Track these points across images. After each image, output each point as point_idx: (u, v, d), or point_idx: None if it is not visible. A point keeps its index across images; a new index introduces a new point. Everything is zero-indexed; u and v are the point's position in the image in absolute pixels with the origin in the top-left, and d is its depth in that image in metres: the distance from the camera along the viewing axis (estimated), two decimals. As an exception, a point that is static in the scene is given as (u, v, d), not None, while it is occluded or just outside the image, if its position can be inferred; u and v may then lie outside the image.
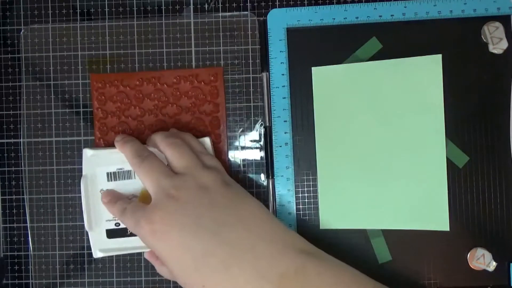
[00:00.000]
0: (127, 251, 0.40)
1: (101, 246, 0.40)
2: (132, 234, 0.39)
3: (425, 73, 0.40)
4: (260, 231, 0.35)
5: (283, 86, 0.41)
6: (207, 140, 0.40)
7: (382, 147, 0.40)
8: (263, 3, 0.42)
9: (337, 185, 0.41)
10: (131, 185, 0.39)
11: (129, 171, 0.39)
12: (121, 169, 0.39)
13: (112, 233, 0.40)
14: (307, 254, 0.34)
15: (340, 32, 0.41)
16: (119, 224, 0.39)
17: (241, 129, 0.42)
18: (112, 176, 0.39)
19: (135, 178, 0.39)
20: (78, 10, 0.42)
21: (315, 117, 0.41)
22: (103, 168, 0.39)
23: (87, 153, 0.39)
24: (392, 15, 0.40)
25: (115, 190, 0.39)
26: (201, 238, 0.33)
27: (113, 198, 0.38)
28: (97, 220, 0.39)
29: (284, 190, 0.41)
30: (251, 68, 0.42)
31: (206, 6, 0.42)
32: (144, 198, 0.39)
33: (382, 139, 0.40)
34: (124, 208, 0.37)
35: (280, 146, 0.41)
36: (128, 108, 0.42)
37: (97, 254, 0.40)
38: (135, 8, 0.42)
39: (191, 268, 0.33)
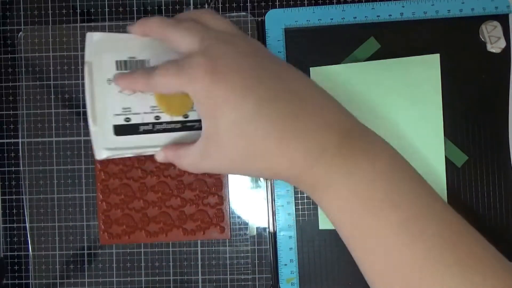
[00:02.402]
0: (138, 150, 0.34)
1: (107, 145, 0.33)
2: (145, 132, 0.34)
3: (423, 73, 0.40)
4: (318, 91, 0.32)
5: (282, 86, 0.41)
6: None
7: (381, 147, 0.40)
8: (262, 3, 0.42)
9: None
10: None
11: (142, 61, 0.34)
12: (133, 58, 0.34)
13: (120, 130, 0.34)
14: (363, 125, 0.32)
15: (338, 32, 0.41)
16: (130, 120, 0.34)
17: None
18: (123, 65, 0.34)
19: None
20: (78, 11, 0.42)
21: (314, 117, 0.41)
22: (112, 55, 0.34)
23: (93, 37, 0.34)
24: (390, 15, 0.40)
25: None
26: (266, 83, 0.29)
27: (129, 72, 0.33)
28: (103, 113, 0.33)
29: (283, 191, 0.41)
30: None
31: (206, 6, 0.42)
32: (162, 100, 0.34)
33: (381, 138, 0.40)
34: (152, 69, 0.31)
35: (279, 146, 0.41)
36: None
37: (101, 153, 0.34)
38: (135, 8, 0.42)
39: (254, 114, 0.29)
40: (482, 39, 0.40)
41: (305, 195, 0.41)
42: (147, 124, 0.34)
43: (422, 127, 0.40)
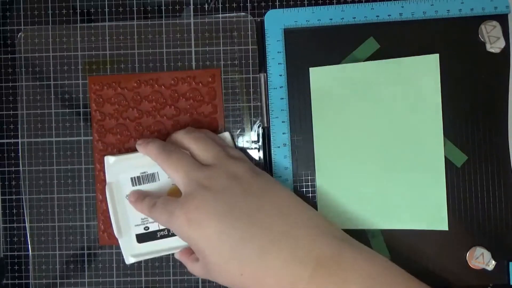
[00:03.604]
0: (159, 254, 0.40)
1: (132, 252, 0.40)
2: (162, 237, 0.40)
3: (423, 73, 0.40)
4: (295, 216, 0.35)
5: (281, 87, 0.41)
6: (227, 135, 0.41)
7: (380, 147, 0.40)
8: (263, 3, 0.42)
9: (336, 185, 0.41)
10: (157, 188, 0.40)
11: (152, 174, 0.40)
12: (144, 172, 0.40)
13: (142, 238, 0.40)
14: (342, 240, 0.34)
15: (337, 33, 0.41)
16: (148, 228, 0.40)
17: (239, 130, 0.42)
18: (137, 180, 0.40)
19: (159, 180, 0.40)
20: (78, 11, 0.42)
21: (313, 117, 0.41)
22: (127, 174, 0.40)
23: (109, 160, 0.40)
24: (389, 15, 0.40)
25: (141, 189, 0.40)
26: (238, 225, 0.33)
27: (141, 195, 0.38)
28: (126, 226, 0.40)
29: (283, 190, 0.41)
30: (251, 69, 0.42)
31: (206, 6, 0.42)
32: (172, 195, 0.39)
33: (380, 139, 0.40)
34: (154, 203, 0.37)
35: (279, 147, 0.41)
36: (126, 110, 0.42)
37: (129, 260, 0.40)
38: (135, 9, 0.42)
39: (229, 256, 0.33)
40: (482, 39, 0.40)
41: (304, 195, 0.41)
42: (163, 230, 0.40)
43: (421, 127, 0.40)
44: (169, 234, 0.40)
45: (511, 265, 0.39)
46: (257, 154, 0.42)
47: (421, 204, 0.40)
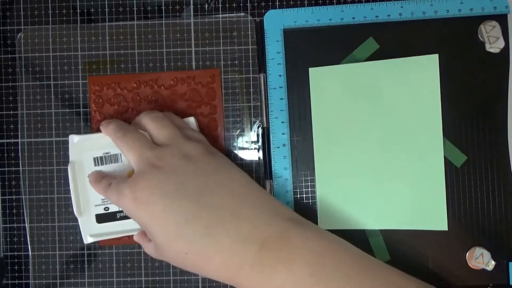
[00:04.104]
0: (117, 235, 0.40)
1: (91, 232, 0.40)
2: (121, 218, 0.40)
3: (422, 73, 0.40)
4: (245, 197, 0.35)
5: (280, 87, 0.41)
6: (192, 119, 0.41)
7: (380, 148, 0.40)
8: (262, 3, 0.42)
9: (335, 185, 0.41)
10: (118, 169, 0.40)
11: (115, 155, 0.40)
12: (107, 153, 0.40)
13: (101, 218, 0.40)
14: (292, 221, 0.35)
15: (337, 33, 0.41)
16: (108, 209, 0.40)
17: (238, 130, 0.42)
18: (99, 160, 0.40)
19: (122, 161, 0.40)
20: (78, 11, 0.43)
21: (313, 118, 0.41)
22: (90, 153, 0.40)
23: (73, 139, 0.40)
24: (388, 15, 0.40)
25: (102, 170, 0.40)
26: (184, 204, 0.34)
27: (99, 176, 0.39)
28: (86, 205, 0.40)
29: (283, 191, 0.41)
30: (250, 69, 0.42)
31: (206, 6, 0.42)
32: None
33: (380, 139, 0.40)
34: (110, 183, 0.37)
35: (278, 147, 0.41)
36: (125, 110, 0.42)
37: (87, 239, 0.40)
38: (135, 9, 0.42)
39: (174, 235, 0.33)
40: (481, 39, 0.40)
41: (304, 195, 0.41)
42: (122, 211, 0.40)
43: (421, 127, 0.40)
44: (127, 216, 0.40)
45: (511, 265, 0.39)
46: (256, 155, 0.42)
47: (420, 204, 0.40)
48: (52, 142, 0.42)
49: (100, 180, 0.38)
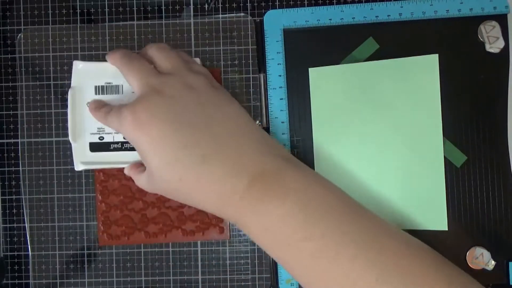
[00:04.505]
0: (108, 165, 0.40)
1: (83, 159, 0.40)
2: (114, 149, 0.40)
3: (422, 73, 0.40)
4: (243, 132, 0.36)
5: (280, 87, 0.41)
6: (198, 60, 0.41)
7: (380, 147, 0.40)
8: (262, 3, 0.42)
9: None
10: (119, 101, 0.39)
11: (117, 86, 0.40)
12: (109, 83, 0.40)
13: (95, 147, 0.40)
14: (286, 159, 0.35)
15: (336, 33, 0.41)
16: (103, 138, 0.40)
17: (239, 129, 0.42)
18: (100, 89, 0.40)
19: (123, 93, 0.40)
20: (78, 11, 0.43)
21: (313, 118, 0.41)
22: (92, 81, 0.40)
23: (77, 65, 0.40)
24: (388, 15, 0.40)
25: (102, 100, 0.40)
26: (183, 131, 0.34)
27: (100, 104, 0.39)
28: (81, 132, 0.40)
29: (282, 190, 0.41)
30: (250, 69, 0.42)
31: (206, 6, 0.42)
32: None
33: (380, 139, 0.40)
34: (110, 109, 0.37)
35: (279, 147, 0.41)
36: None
37: (78, 166, 0.40)
38: (135, 9, 0.42)
39: (170, 160, 0.33)
40: (481, 39, 0.40)
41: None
42: (117, 143, 0.40)
43: (421, 127, 0.40)
44: (122, 147, 0.40)
45: (511, 265, 0.39)
46: (256, 154, 0.42)
47: (420, 204, 0.40)
48: (52, 142, 0.42)
49: (101, 107, 0.38)
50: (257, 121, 0.42)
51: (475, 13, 0.40)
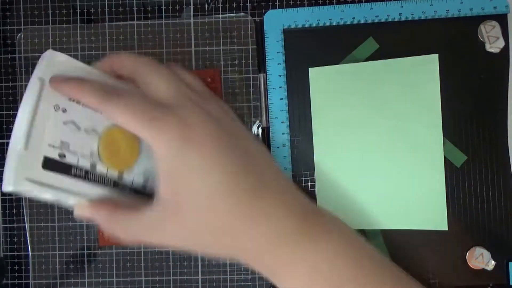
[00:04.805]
0: (60, 194, 0.30)
1: (29, 175, 0.28)
2: (75, 176, 0.30)
3: (422, 73, 0.40)
4: (276, 169, 0.32)
5: (280, 87, 0.41)
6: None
7: (380, 147, 0.40)
8: (262, 3, 0.42)
9: (335, 185, 0.41)
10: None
11: None
12: None
13: (50, 164, 0.29)
14: (316, 211, 0.33)
15: (336, 33, 0.41)
16: (64, 156, 0.30)
17: (239, 129, 0.42)
18: None
19: None
20: (78, 11, 0.43)
21: (313, 118, 0.41)
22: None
23: (57, 56, 0.31)
24: (388, 15, 0.40)
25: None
26: (235, 155, 0.29)
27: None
28: (37, 140, 0.29)
29: (282, 190, 0.41)
30: (250, 69, 0.42)
31: (206, 6, 0.42)
32: (107, 145, 0.31)
33: (380, 139, 0.40)
34: (115, 94, 0.29)
35: (278, 147, 0.41)
36: None
37: (19, 184, 0.28)
38: (135, 9, 0.42)
39: (219, 185, 0.28)
40: (481, 39, 0.40)
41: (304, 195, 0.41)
42: (81, 168, 0.31)
43: (421, 127, 0.40)
44: (86, 177, 0.31)
45: (511, 265, 0.39)
46: (256, 154, 0.42)
47: (420, 204, 0.40)
48: (52, 142, 0.42)
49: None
50: (257, 121, 0.42)
51: (475, 13, 0.40)
